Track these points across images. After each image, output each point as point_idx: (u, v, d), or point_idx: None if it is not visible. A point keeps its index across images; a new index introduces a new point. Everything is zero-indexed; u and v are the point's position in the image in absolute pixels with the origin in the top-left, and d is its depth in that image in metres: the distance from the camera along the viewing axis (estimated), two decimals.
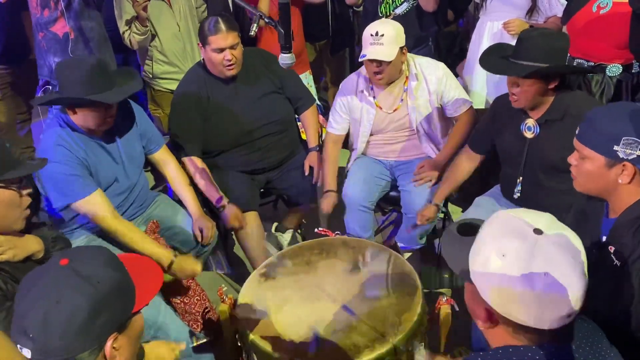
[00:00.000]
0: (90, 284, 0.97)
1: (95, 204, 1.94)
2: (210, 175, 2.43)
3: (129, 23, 2.80)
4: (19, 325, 0.96)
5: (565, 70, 1.86)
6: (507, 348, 0.97)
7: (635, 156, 1.24)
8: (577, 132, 1.35)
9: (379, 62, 2.26)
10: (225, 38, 2.25)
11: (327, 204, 2.45)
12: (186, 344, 1.64)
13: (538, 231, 0.95)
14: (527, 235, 0.94)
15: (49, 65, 2.69)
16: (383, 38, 2.21)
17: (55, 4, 2.58)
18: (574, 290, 0.92)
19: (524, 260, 0.92)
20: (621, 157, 1.25)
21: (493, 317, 0.98)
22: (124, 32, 2.84)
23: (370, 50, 2.24)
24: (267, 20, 1.74)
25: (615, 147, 1.25)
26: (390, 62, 2.25)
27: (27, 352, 0.94)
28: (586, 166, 1.32)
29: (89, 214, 1.96)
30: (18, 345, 0.94)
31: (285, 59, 1.71)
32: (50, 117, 2.66)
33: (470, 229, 1.06)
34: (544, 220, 0.98)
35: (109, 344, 0.98)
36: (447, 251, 1.09)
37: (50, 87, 2.70)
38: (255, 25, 1.75)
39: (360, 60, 2.31)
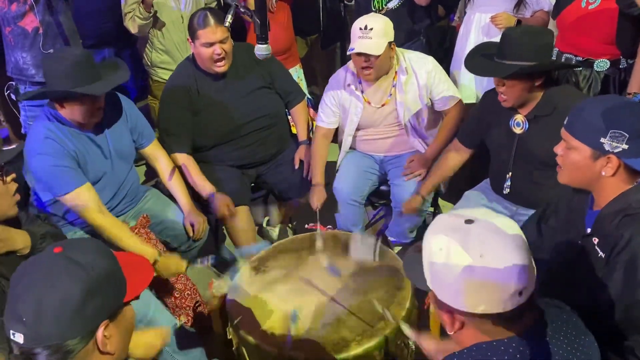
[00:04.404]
0: (83, 269, 0.99)
1: (82, 198, 1.93)
2: (198, 170, 2.42)
3: (133, 4, 2.77)
4: (12, 310, 0.97)
5: (548, 68, 1.86)
6: (480, 344, 0.99)
7: (620, 149, 1.25)
8: (565, 122, 1.36)
9: (367, 56, 2.24)
10: (214, 32, 2.24)
11: (316, 200, 2.43)
12: (173, 340, 1.64)
13: (469, 221, 0.98)
14: (458, 227, 0.98)
15: (14, 61, 2.61)
16: (372, 32, 2.20)
17: None
18: (512, 267, 0.93)
19: (460, 249, 0.95)
20: (607, 149, 1.26)
21: (456, 317, 1.00)
22: (126, 14, 2.80)
23: (359, 43, 2.22)
24: (242, 10, 1.70)
25: (602, 140, 1.26)
26: (378, 56, 2.23)
27: (19, 338, 0.95)
28: (572, 156, 1.33)
29: (75, 208, 1.94)
30: (11, 331, 0.95)
31: (260, 49, 1.65)
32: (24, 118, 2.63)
33: None
34: (478, 213, 1.01)
35: (100, 330, 1.00)
36: (407, 270, 1.14)
37: (14, 83, 2.64)
38: (230, 15, 1.70)
39: (348, 53, 2.30)
